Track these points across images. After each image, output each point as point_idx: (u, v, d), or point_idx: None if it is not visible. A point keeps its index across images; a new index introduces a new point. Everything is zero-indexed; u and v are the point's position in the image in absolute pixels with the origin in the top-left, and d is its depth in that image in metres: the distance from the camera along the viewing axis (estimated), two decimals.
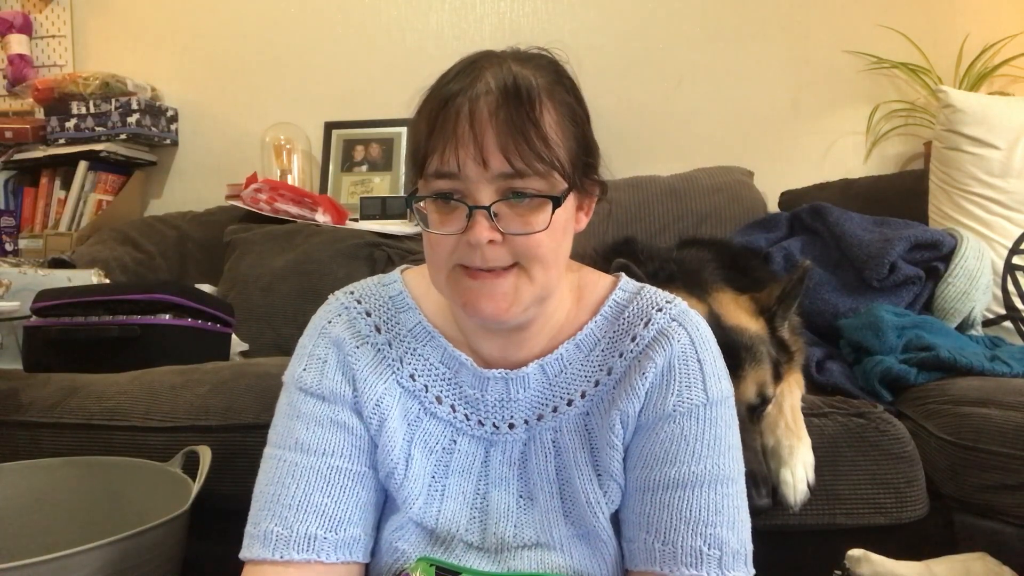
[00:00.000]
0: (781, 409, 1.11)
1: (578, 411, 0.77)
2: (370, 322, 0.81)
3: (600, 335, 0.80)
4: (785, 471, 1.04)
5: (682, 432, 0.73)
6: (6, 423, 1.33)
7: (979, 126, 1.68)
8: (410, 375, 0.80)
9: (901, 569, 0.97)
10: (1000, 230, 1.64)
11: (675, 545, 0.69)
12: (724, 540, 0.70)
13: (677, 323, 0.78)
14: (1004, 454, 1.06)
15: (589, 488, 0.75)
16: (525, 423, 0.78)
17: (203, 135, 2.68)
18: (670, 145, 2.40)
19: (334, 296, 0.85)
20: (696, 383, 0.75)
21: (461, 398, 0.79)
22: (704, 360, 0.77)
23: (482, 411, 0.79)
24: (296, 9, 2.62)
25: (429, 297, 0.83)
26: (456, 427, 0.79)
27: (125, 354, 1.48)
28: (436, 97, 0.70)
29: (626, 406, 0.75)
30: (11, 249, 2.52)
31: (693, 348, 0.77)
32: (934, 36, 2.23)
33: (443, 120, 0.68)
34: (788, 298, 1.13)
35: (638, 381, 0.75)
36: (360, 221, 2.31)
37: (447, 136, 0.68)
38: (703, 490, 0.71)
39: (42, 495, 1.14)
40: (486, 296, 0.70)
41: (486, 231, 0.68)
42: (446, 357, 0.80)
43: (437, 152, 0.69)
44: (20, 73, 2.69)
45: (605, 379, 0.77)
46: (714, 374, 0.77)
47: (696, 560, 0.69)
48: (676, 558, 0.69)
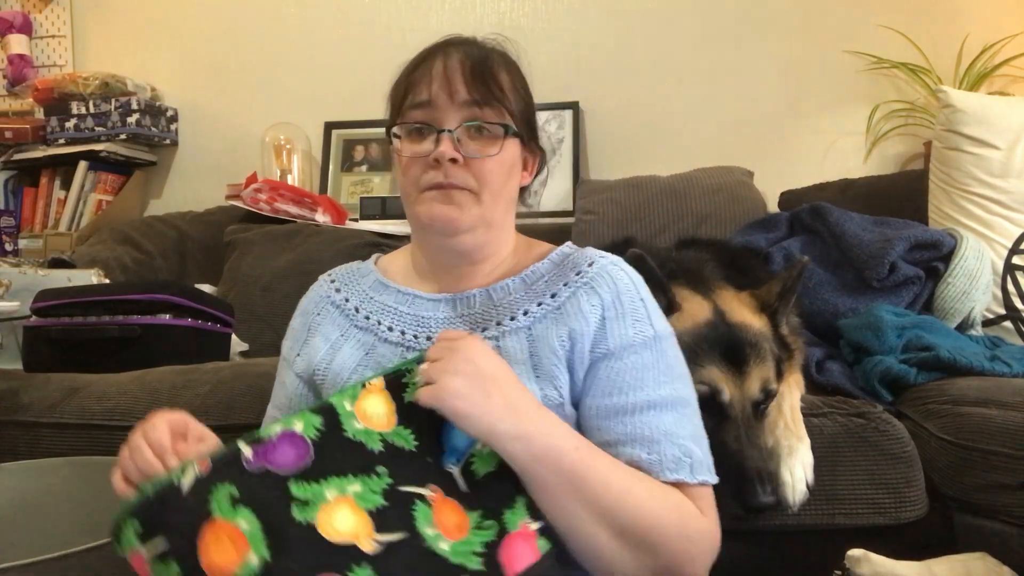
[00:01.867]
0: (780, 409, 1.11)
1: (520, 325, 0.87)
2: (334, 287, 0.99)
3: (545, 272, 0.91)
4: (784, 471, 1.04)
5: (643, 362, 0.84)
6: (6, 423, 1.34)
7: (979, 126, 1.68)
8: (365, 316, 0.94)
9: (901, 569, 0.97)
10: (1000, 230, 1.64)
11: (660, 455, 0.80)
12: (691, 450, 0.81)
13: (618, 267, 0.89)
14: (1004, 454, 1.06)
15: (527, 380, 0.83)
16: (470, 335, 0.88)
17: (203, 135, 2.68)
18: (670, 145, 2.40)
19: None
20: (644, 318, 0.86)
21: (412, 323, 0.92)
22: (645, 299, 0.88)
23: (431, 328, 0.91)
24: (296, 9, 2.62)
25: (392, 264, 1.01)
26: (406, 346, 0.90)
27: (125, 354, 1.48)
28: (413, 60, 0.90)
29: (578, 325, 0.84)
30: (11, 249, 2.52)
31: (635, 288, 0.88)
32: (934, 36, 2.23)
33: (420, 68, 0.88)
34: (787, 293, 1.13)
35: (588, 307, 0.85)
36: (360, 221, 2.31)
37: (423, 76, 0.87)
38: (668, 410, 0.82)
39: (42, 495, 1.14)
40: (444, 202, 0.86)
41: (450, 148, 0.84)
42: (399, 297, 0.95)
43: (414, 89, 0.87)
44: (20, 73, 2.69)
45: (549, 302, 0.88)
46: (656, 313, 0.88)
47: (676, 466, 0.79)
48: (662, 465, 0.79)
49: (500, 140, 0.87)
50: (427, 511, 0.71)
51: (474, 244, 0.90)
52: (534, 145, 0.95)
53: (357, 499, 0.69)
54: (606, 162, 2.42)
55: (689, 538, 0.77)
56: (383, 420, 0.75)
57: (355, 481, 0.71)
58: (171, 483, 0.66)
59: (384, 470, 0.72)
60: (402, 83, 0.90)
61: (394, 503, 0.70)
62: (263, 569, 0.63)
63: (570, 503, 0.74)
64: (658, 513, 0.76)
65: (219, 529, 0.64)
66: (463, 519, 0.72)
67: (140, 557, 0.65)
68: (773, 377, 1.07)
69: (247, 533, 0.64)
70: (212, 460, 0.67)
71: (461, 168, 0.86)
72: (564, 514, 0.75)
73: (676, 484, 0.80)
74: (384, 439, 0.74)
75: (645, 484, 0.77)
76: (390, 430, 0.75)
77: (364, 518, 0.68)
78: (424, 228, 0.90)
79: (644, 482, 0.78)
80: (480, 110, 0.86)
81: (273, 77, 2.63)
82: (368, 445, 0.73)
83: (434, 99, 0.86)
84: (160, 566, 0.64)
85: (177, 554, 0.63)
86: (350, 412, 0.74)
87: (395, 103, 0.91)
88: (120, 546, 0.66)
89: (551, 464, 0.74)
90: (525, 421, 0.74)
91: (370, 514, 0.69)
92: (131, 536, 0.64)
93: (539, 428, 0.74)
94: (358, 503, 0.69)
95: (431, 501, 0.72)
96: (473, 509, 0.73)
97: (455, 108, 0.86)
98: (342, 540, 0.66)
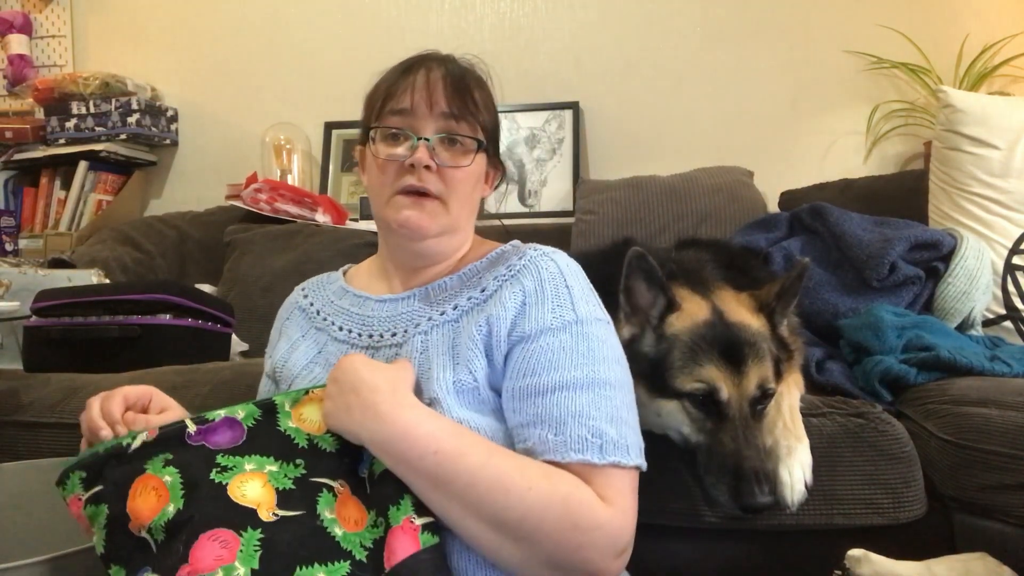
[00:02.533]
0: (779, 409, 1.11)
1: (448, 319, 0.91)
2: (303, 294, 1.07)
3: (481, 269, 0.96)
4: (783, 471, 1.04)
5: (560, 344, 0.85)
6: (6, 423, 1.34)
7: (979, 126, 1.68)
8: (323, 318, 1.01)
9: (901, 569, 0.97)
10: (1000, 230, 1.64)
11: (565, 435, 0.80)
12: (603, 431, 0.81)
13: (548, 257, 0.92)
14: (1004, 454, 1.06)
15: (441, 368, 0.87)
16: (404, 331, 0.94)
17: (203, 135, 2.69)
18: (670, 145, 2.40)
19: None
20: (566, 303, 0.88)
21: (359, 323, 0.98)
22: (572, 286, 0.90)
23: (373, 327, 0.96)
24: (296, 9, 2.62)
25: (358, 271, 1.08)
26: (351, 343, 0.96)
27: (125, 354, 1.48)
28: (394, 69, 0.96)
29: (496, 311, 0.88)
30: (11, 249, 2.52)
31: (561, 275, 0.90)
32: (934, 36, 2.23)
33: (402, 77, 0.93)
34: (787, 295, 1.13)
35: (508, 296, 0.89)
36: (360, 221, 2.31)
37: (405, 85, 0.92)
38: (583, 391, 0.83)
39: (42, 495, 1.14)
40: (415, 209, 0.92)
41: (426, 155, 0.90)
42: (353, 299, 1.01)
43: (395, 96, 0.92)
44: (20, 73, 2.70)
45: (477, 295, 0.92)
46: (583, 298, 0.90)
47: (582, 446, 0.80)
48: (567, 445, 0.80)
49: (472, 153, 0.93)
50: (331, 499, 0.79)
51: (436, 249, 0.96)
52: (497, 160, 1.02)
53: (270, 477, 0.78)
54: (606, 162, 2.42)
55: (576, 527, 0.76)
56: (315, 425, 0.83)
57: (274, 463, 0.79)
58: (120, 444, 0.78)
59: (301, 462, 0.80)
60: (382, 89, 0.95)
61: (301, 489, 0.78)
62: (175, 516, 0.73)
63: (437, 499, 0.78)
64: (535, 504, 0.75)
65: (147, 481, 0.75)
66: (362, 515, 0.80)
67: (78, 501, 0.76)
68: (771, 376, 1.07)
69: (168, 485, 0.75)
70: (160, 430, 0.78)
71: (433, 175, 0.91)
72: (437, 508, 0.78)
73: (582, 465, 0.79)
74: (311, 439, 0.83)
75: (526, 474, 0.77)
76: (318, 434, 0.83)
77: (270, 492, 0.77)
78: (392, 231, 0.95)
79: (525, 473, 0.77)
80: (456, 123, 0.92)
81: (273, 77, 2.63)
82: (295, 439, 0.82)
83: (414, 108, 0.91)
84: (92, 507, 0.76)
85: (109, 498, 0.75)
86: (288, 412, 0.83)
87: (373, 107, 0.96)
88: (64, 491, 0.77)
89: (410, 465, 0.77)
90: (381, 425, 0.78)
91: (277, 492, 0.77)
92: (76, 482, 0.77)
93: (395, 431, 0.77)
94: (270, 480, 0.78)
95: (337, 493, 0.80)
96: (371, 509, 0.80)
97: (432, 118, 0.92)
98: (245, 504, 0.75)
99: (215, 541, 0.71)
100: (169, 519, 0.72)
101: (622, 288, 1.08)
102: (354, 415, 0.78)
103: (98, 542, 0.75)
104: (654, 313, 1.09)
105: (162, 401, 0.92)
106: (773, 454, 1.05)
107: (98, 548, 0.75)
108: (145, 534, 0.73)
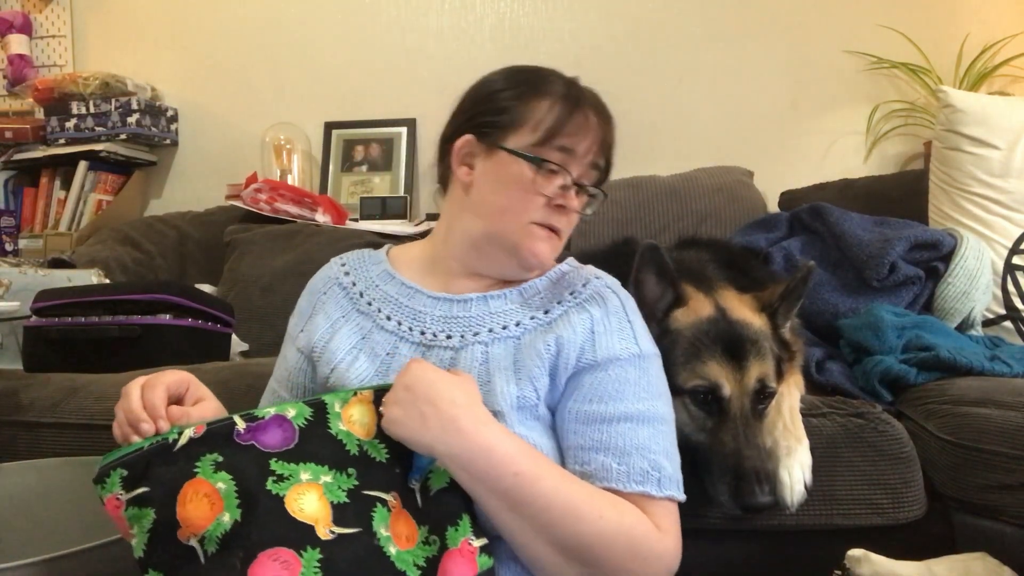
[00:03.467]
0: (780, 410, 1.11)
1: (510, 335, 0.92)
2: (343, 270, 1.04)
3: (542, 288, 0.97)
4: (782, 471, 1.04)
5: (626, 375, 0.88)
6: (6, 423, 1.34)
7: (979, 126, 1.68)
8: (367, 302, 0.98)
9: (901, 569, 0.97)
10: (1000, 230, 1.64)
11: (628, 466, 0.82)
12: (662, 465, 0.84)
13: (611, 290, 0.94)
14: (1004, 454, 1.06)
15: (504, 382, 0.87)
16: (461, 336, 0.93)
17: (203, 135, 2.68)
18: (670, 145, 2.40)
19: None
20: (629, 336, 0.90)
21: (408, 315, 0.96)
22: (633, 320, 0.93)
23: (425, 324, 0.95)
24: (296, 9, 2.62)
25: (402, 257, 1.05)
26: (400, 336, 0.94)
27: (125, 354, 1.48)
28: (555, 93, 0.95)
29: (565, 333, 0.89)
30: (11, 249, 2.52)
31: (623, 309, 0.93)
32: (934, 36, 2.23)
33: (574, 114, 0.93)
34: (791, 297, 1.13)
35: (577, 319, 0.90)
36: (360, 221, 2.31)
37: (577, 126, 0.93)
38: (644, 424, 0.86)
39: (42, 495, 1.14)
40: (548, 243, 0.94)
41: (578, 204, 0.95)
42: (402, 289, 0.99)
43: (567, 133, 0.92)
44: (20, 73, 2.69)
45: (541, 316, 0.93)
46: (643, 334, 0.93)
47: (643, 478, 0.82)
48: (629, 476, 0.82)
49: (596, 201, 0.98)
50: (385, 514, 0.76)
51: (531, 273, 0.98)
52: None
53: (325, 489, 0.75)
54: None
55: (637, 556, 0.79)
56: (364, 429, 0.81)
57: (328, 473, 0.76)
58: (166, 441, 0.74)
59: (354, 472, 0.78)
60: (547, 114, 0.93)
61: (355, 503, 0.76)
62: (232, 528, 0.70)
63: (510, 520, 0.78)
64: (604, 533, 0.77)
65: (199, 486, 0.71)
66: (413, 531, 0.77)
67: (117, 501, 0.72)
68: (773, 375, 1.07)
69: (223, 492, 0.71)
70: (207, 426, 0.75)
71: (570, 217, 0.96)
72: (506, 528, 0.79)
73: (641, 496, 0.82)
74: (361, 445, 0.80)
75: (596, 503, 0.79)
76: (367, 439, 0.81)
77: (326, 507, 0.74)
78: (513, 254, 0.94)
79: (595, 501, 0.79)
80: (600, 176, 0.98)
81: (273, 77, 2.63)
82: (346, 445, 0.79)
83: (576, 150, 0.93)
84: (135, 510, 0.71)
85: (156, 503, 0.71)
86: (338, 413, 0.81)
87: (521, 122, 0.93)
88: (102, 489, 0.72)
89: (488, 484, 0.77)
90: (461, 440, 0.76)
91: (332, 506, 0.74)
92: (116, 481, 0.72)
93: (476, 448, 0.76)
94: (325, 493, 0.75)
95: (391, 507, 0.77)
96: (422, 524, 0.78)
97: (584, 166, 0.95)
98: (303, 520, 0.72)
99: (276, 561, 0.69)
100: (226, 531, 0.70)
101: (632, 280, 1.09)
102: (431, 427, 0.76)
103: (137, 545, 0.71)
104: (660, 306, 1.11)
105: (198, 391, 0.87)
106: (773, 455, 1.05)
107: (136, 551, 0.71)
108: (195, 543, 0.70)
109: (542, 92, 0.94)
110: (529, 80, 0.96)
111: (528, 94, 0.94)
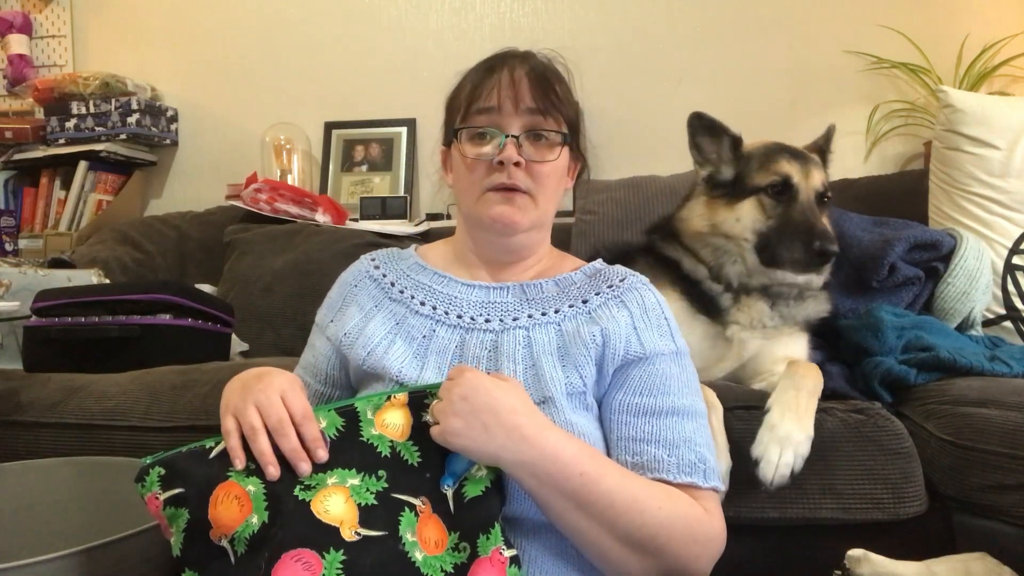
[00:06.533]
0: (799, 390, 1.11)
1: (551, 321, 0.94)
2: (373, 264, 1.05)
3: (578, 280, 0.99)
4: (774, 448, 1.05)
5: (671, 371, 0.91)
6: (6, 423, 1.34)
7: (979, 126, 1.68)
8: (400, 291, 1.00)
9: (901, 569, 0.97)
10: (1000, 230, 1.64)
11: (678, 457, 0.85)
12: (706, 458, 0.88)
13: (647, 287, 0.98)
14: (1004, 454, 1.06)
15: (552, 368, 0.89)
16: (500, 320, 0.95)
17: (203, 135, 2.68)
18: (670, 145, 2.38)
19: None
20: (667, 333, 0.94)
21: (443, 300, 0.98)
22: (668, 318, 0.96)
23: (462, 308, 0.97)
24: (296, 9, 2.62)
25: (431, 252, 1.08)
26: (436, 319, 0.96)
27: (125, 354, 1.48)
28: (477, 68, 0.98)
29: (610, 326, 0.91)
30: (11, 249, 2.52)
31: (659, 306, 0.96)
32: (934, 36, 2.23)
33: (487, 77, 0.95)
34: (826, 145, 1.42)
35: (618, 313, 0.93)
36: (360, 221, 2.31)
37: (490, 84, 0.94)
38: (689, 419, 0.89)
39: (42, 495, 1.14)
40: (507, 204, 0.93)
41: (515, 152, 0.92)
42: (434, 278, 1.01)
43: (481, 95, 0.94)
44: (20, 73, 2.69)
45: (580, 306, 0.95)
46: (678, 331, 0.96)
47: (692, 469, 0.85)
48: (679, 468, 0.85)
49: (557, 147, 0.95)
50: (412, 519, 0.77)
51: (526, 242, 0.99)
52: (578, 152, 1.03)
53: (353, 491, 0.76)
54: (606, 162, 2.42)
55: (696, 540, 0.82)
56: (398, 431, 0.82)
57: (356, 476, 0.77)
58: (203, 447, 0.77)
59: (384, 474, 0.78)
60: (467, 90, 0.97)
61: (384, 505, 0.76)
62: (260, 529, 0.72)
63: (577, 519, 0.79)
64: (664, 522, 0.80)
65: (230, 488, 0.74)
66: (443, 537, 0.78)
67: (156, 500, 0.75)
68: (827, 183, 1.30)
69: (252, 495, 0.74)
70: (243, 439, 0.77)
71: (522, 171, 0.93)
72: (572, 528, 0.80)
73: (689, 486, 0.85)
74: (393, 446, 0.81)
75: (654, 494, 0.81)
76: (401, 441, 0.81)
77: (353, 509, 0.75)
78: (484, 227, 0.96)
79: (653, 492, 0.82)
80: (541, 118, 0.94)
81: (273, 77, 2.63)
82: (378, 447, 0.80)
83: (500, 106, 0.93)
84: (172, 509, 0.74)
85: (190, 503, 0.74)
86: (370, 420, 0.82)
87: (457, 107, 0.98)
88: (142, 488, 0.75)
89: (556, 487, 0.78)
90: (528, 448, 0.77)
91: (359, 508, 0.75)
92: (154, 479, 0.75)
93: (543, 454, 0.78)
94: (352, 495, 0.76)
95: (419, 512, 0.77)
96: (453, 530, 0.78)
97: (518, 116, 0.93)
98: (328, 522, 0.73)
99: (298, 562, 0.70)
100: (254, 532, 0.72)
101: (691, 145, 1.38)
102: (495, 436, 0.77)
103: (175, 544, 0.74)
104: (725, 149, 1.35)
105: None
106: (773, 429, 1.07)
107: (174, 550, 0.74)
108: (225, 543, 0.73)
109: (465, 76, 0.99)
110: (463, 74, 1.01)
111: (458, 85, 1.00)
